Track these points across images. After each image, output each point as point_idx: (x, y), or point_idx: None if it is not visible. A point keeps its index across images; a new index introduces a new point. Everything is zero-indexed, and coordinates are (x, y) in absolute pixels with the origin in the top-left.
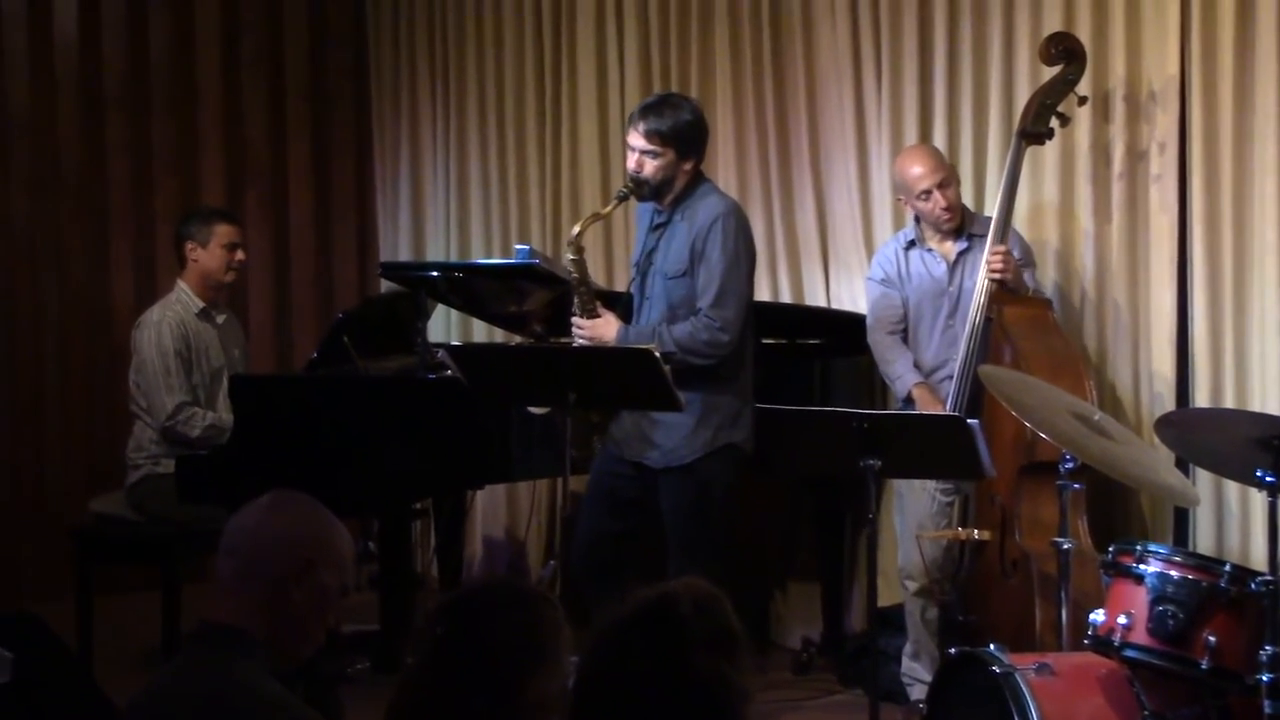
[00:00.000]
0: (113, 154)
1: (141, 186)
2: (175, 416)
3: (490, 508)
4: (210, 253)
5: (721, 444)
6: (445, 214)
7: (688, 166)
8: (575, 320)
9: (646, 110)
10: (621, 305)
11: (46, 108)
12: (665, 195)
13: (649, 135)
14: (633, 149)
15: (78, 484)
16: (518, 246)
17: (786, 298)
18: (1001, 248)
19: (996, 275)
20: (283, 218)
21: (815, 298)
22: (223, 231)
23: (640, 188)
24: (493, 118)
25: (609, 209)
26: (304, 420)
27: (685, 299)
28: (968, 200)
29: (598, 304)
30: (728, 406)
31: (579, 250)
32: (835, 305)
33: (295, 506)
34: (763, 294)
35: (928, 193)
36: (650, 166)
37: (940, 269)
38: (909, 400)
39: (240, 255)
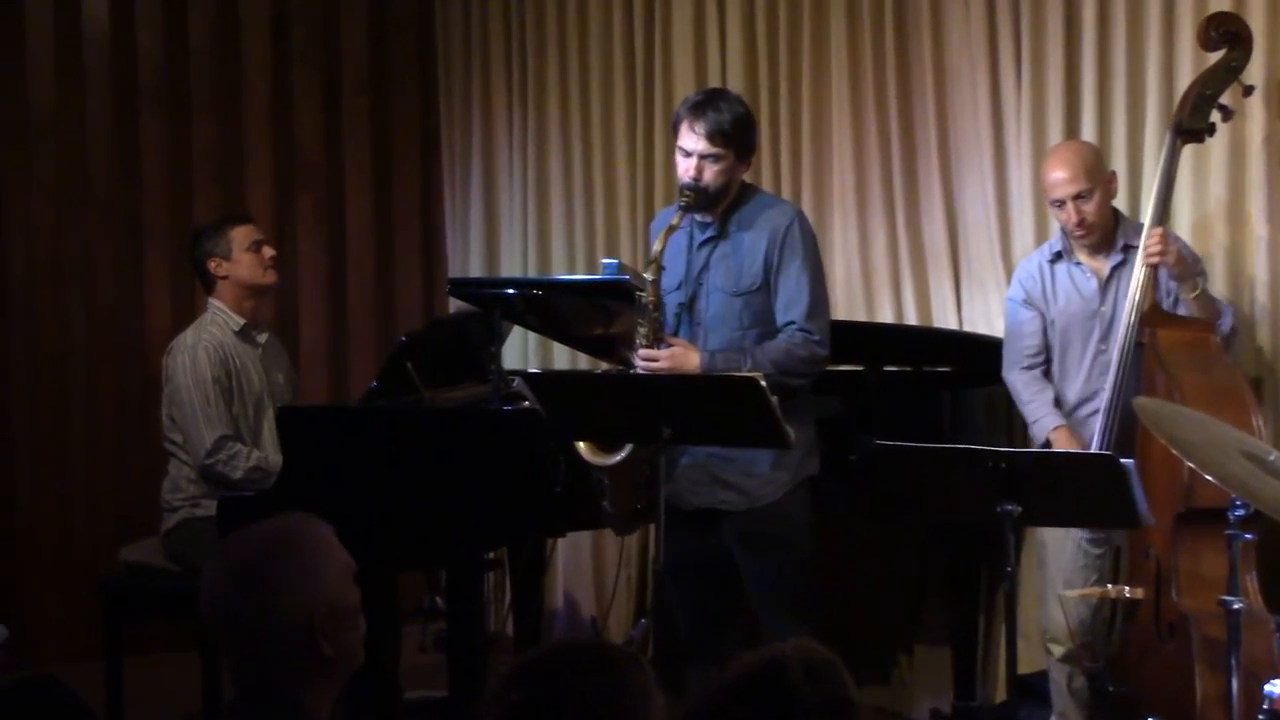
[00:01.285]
0: (147, 157)
1: (179, 194)
2: (215, 454)
3: (573, 558)
4: (237, 261)
5: (803, 477)
6: (522, 224)
7: (743, 169)
8: (643, 352)
9: (702, 107)
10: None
11: (73, 105)
12: (719, 204)
13: (712, 136)
14: (688, 153)
15: (107, 530)
16: (605, 261)
17: (912, 319)
18: (1159, 229)
19: (1154, 259)
20: (338, 229)
21: (945, 319)
22: (240, 234)
23: (699, 197)
24: (576, 116)
25: (676, 221)
26: (362, 458)
27: (760, 315)
28: (1121, 205)
29: (668, 333)
30: (805, 434)
31: (660, 270)
32: (968, 327)
33: (269, 563)
34: (885, 315)
35: (1061, 202)
36: (711, 172)
37: (1090, 286)
38: (1048, 446)
39: (270, 251)
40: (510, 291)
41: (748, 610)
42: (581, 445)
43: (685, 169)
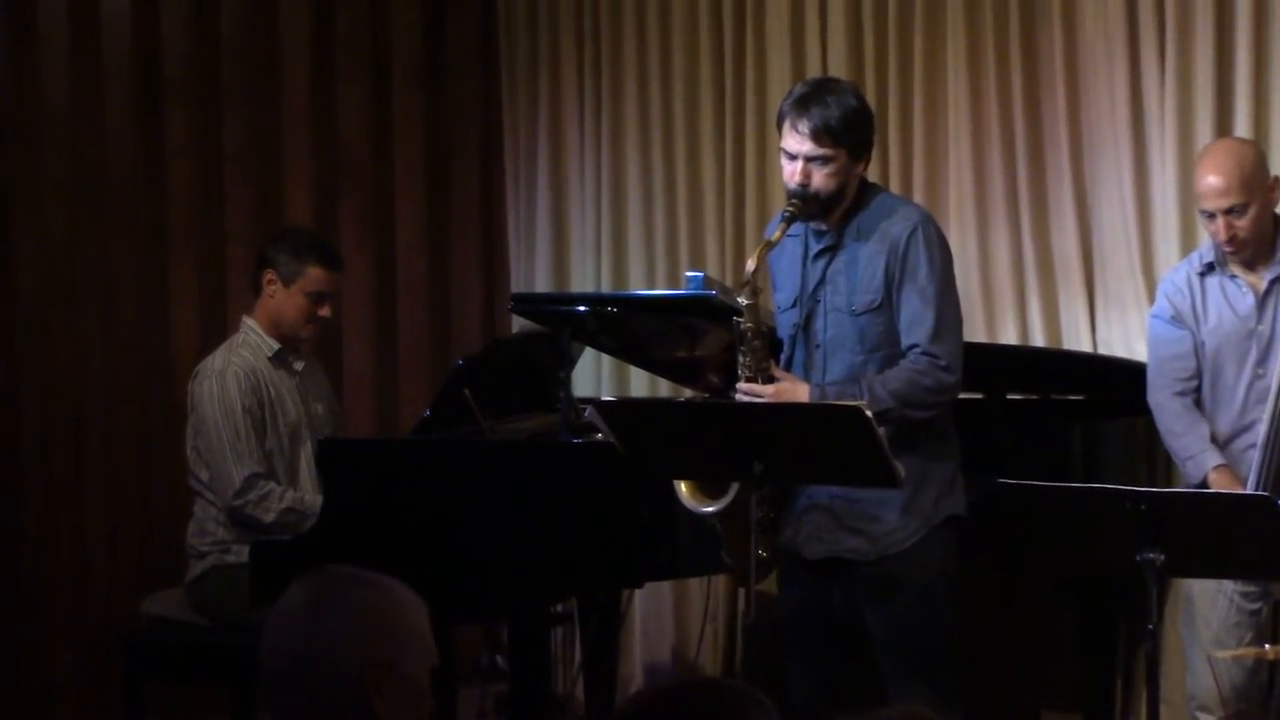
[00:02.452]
0: (172, 158)
1: (209, 199)
2: (245, 494)
3: (652, 611)
4: (290, 296)
5: (942, 517)
6: (595, 233)
7: (860, 169)
8: (743, 387)
9: (806, 102)
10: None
11: (90, 99)
12: (834, 210)
13: (818, 134)
14: (793, 156)
15: (127, 579)
16: (689, 274)
17: (1039, 340)
18: None
19: None
20: (387, 237)
21: (1077, 340)
22: (313, 276)
23: (808, 205)
24: (657, 112)
25: (778, 235)
26: (412, 496)
27: (883, 336)
28: None
29: (773, 363)
30: (943, 472)
31: (755, 293)
32: (1103, 350)
33: (343, 594)
34: (1009, 336)
35: (1212, 214)
36: (820, 175)
37: (1246, 302)
38: (1204, 486)
39: (326, 311)
40: (581, 309)
41: (873, 673)
42: (682, 488)
43: (790, 173)
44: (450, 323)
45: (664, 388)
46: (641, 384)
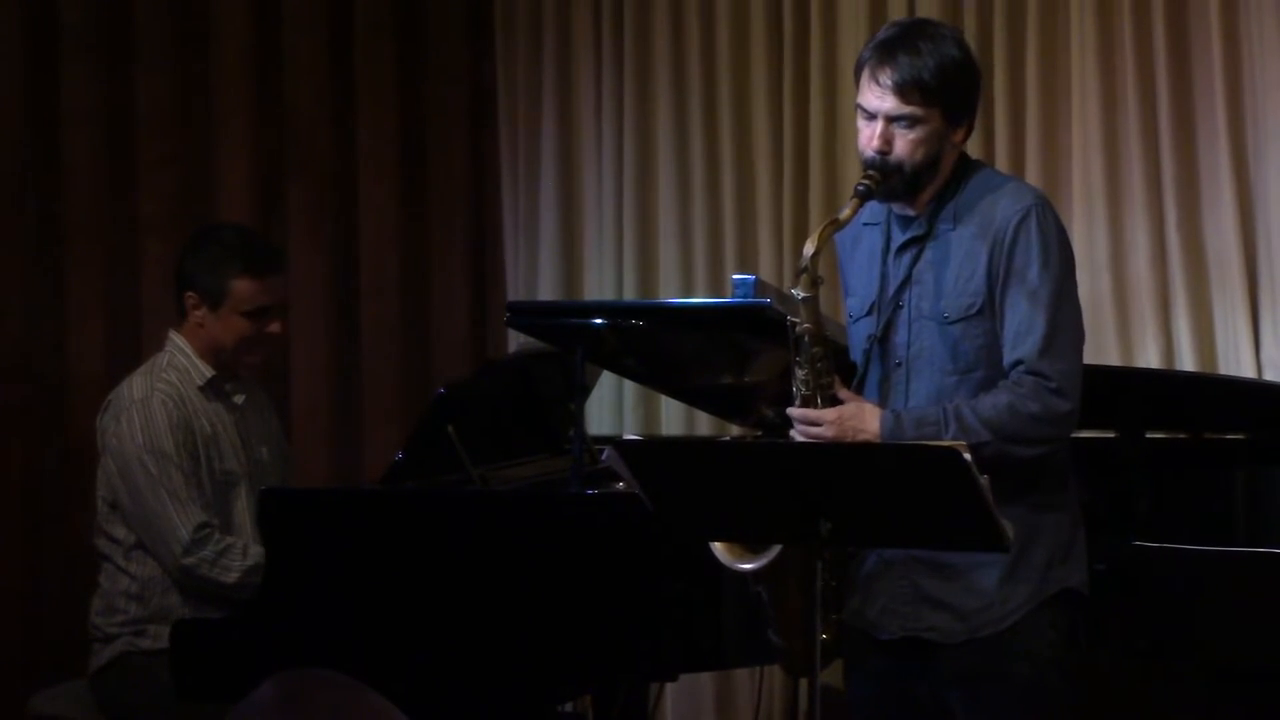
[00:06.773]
0: (70, 127)
1: (116, 181)
2: (199, 549)
3: (689, 712)
4: (223, 321)
5: (1053, 591)
6: (615, 225)
7: (958, 138)
8: (796, 412)
9: (892, 47)
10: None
11: None
12: (924, 188)
13: (903, 88)
14: (872, 115)
15: (11, 668)
16: (735, 277)
17: (1187, 363)
18: None
19: None
20: (347, 230)
21: (1237, 361)
22: (242, 291)
23: (888, 178)
24: (695, 69)
25: (848, 214)
26: (379, 565)
27: (982, 353)
28: None
29: (838, 380)
30: (1056, 528)
31: (814, 283)
32: (1270, 374)
33: (323, 693)
34: (1149, 356)
35: None
36: (903, 141)
37: None
38: None
39: (276, 327)
40: (598, 321)
41: None
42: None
43: (867, 137)
44: (429, 340)
45: (703, 424)
46: (676, 419)
